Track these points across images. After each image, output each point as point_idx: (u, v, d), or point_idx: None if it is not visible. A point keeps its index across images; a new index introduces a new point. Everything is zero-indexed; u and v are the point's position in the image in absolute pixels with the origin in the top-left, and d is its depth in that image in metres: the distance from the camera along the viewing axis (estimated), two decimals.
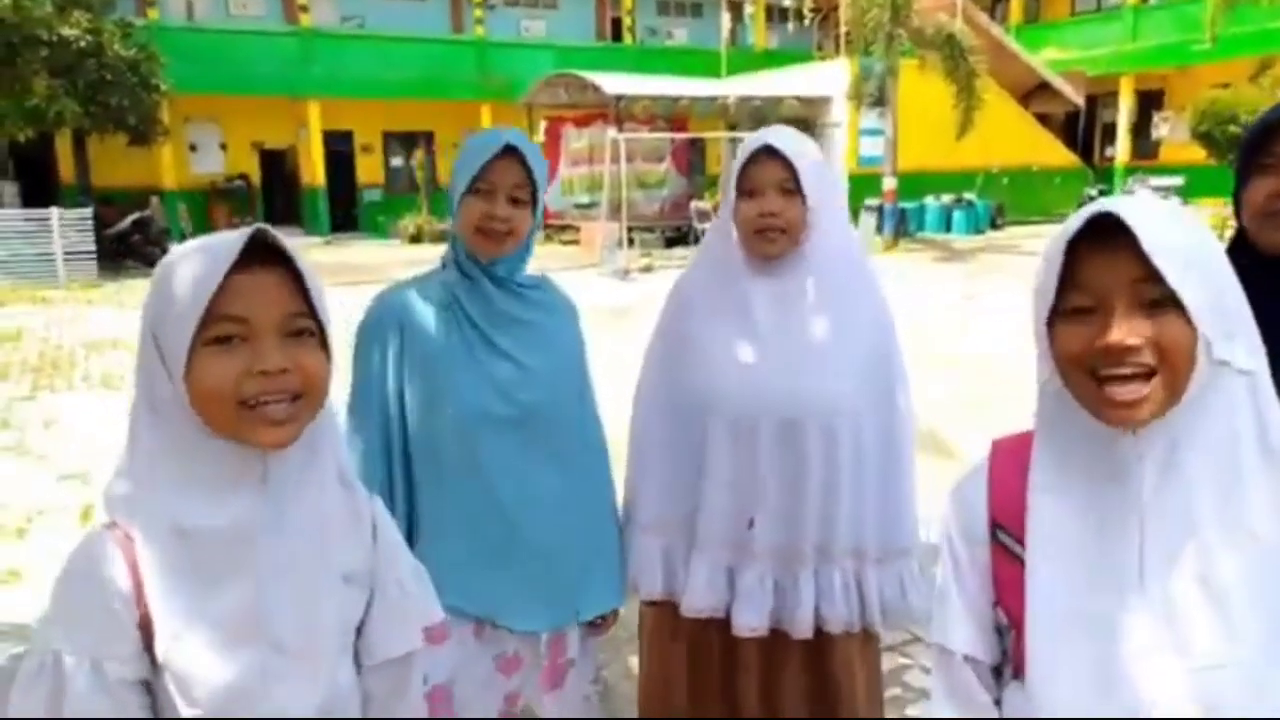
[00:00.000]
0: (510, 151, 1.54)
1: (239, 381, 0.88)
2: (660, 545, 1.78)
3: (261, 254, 0.90)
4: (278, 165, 20.89)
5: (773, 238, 1.63)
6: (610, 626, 1.78)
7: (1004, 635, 0.97)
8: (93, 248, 13.18)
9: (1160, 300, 0.84)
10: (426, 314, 1.57)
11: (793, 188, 1.61)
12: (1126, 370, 0.85)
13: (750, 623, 1.69)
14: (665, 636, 1.82)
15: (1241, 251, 1.36)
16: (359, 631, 1.05)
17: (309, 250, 15.92)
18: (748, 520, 1.68)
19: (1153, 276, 0.83)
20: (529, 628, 1.62)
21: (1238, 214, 1.41)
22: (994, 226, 18.30)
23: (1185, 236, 0.85)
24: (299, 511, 0.94)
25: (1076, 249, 0.87)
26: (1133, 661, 0.85)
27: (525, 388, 1.59)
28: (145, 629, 0.88)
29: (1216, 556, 0.84)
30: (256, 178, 20.66)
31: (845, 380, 1.65)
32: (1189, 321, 0.84)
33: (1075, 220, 0.87)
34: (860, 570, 1.71)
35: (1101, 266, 0.86)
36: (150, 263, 14.39)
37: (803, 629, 1.69)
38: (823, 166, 1.67)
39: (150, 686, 0.89)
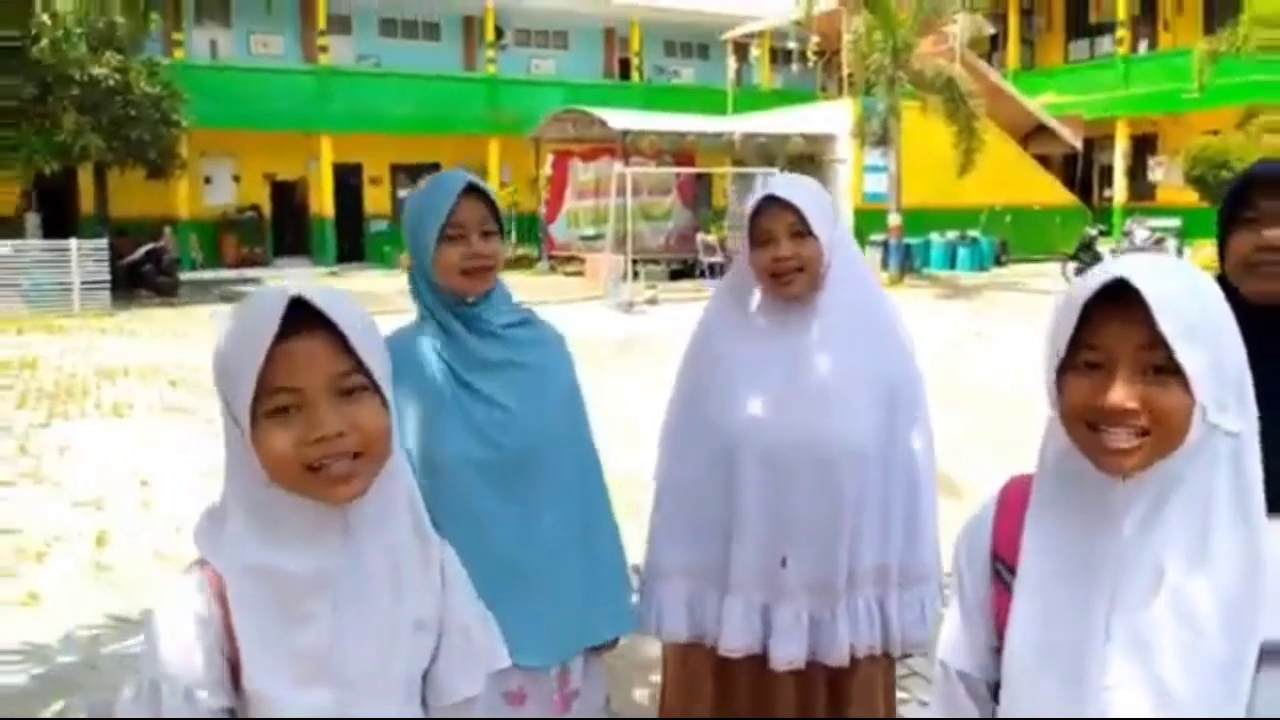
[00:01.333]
0: (471, 190, 1.60)
1: (299, 450, 0.90)
2: (685, 590, 1.81)
3: (305, 316, 0.91)
4: (288, 196, 21.19)
5: (789, 280, 1.69)
6: (609, 650, 1.80)
7: (999, 656, 1.03)
8: (107, 277, 13.43)
9: (1164, 366, 0.87)
10: (409, 367, 1.60)
11: (803, 230, 1.67)
12: (1123, 430, 0.89)
13: (788, 656, 1.73)
14: (692, 673, 1.85)
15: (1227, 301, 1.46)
16: (425, 675, 1.08)
17: (316, 278, 16.12)
18: (781, 559, 1.72)
19: (1159, 343, 0.87)
20: (534, 662, 1.63)
21: (1222, 264, 1.49)
22: (998, 263, 18.44)
23: (1195, 303, 0.89)
24: (376, 558, 0.98)
25: (1091, 306, 0.91)
26: (1095, 693, 0.91)
27: (511, 430, 1.62)
28: (232, 661, 0.93)
29: (1178, 603, 0.89)
30: (267, 209, 20.93)
31: (871, 414, 1.70)
32: (1187, 388, 0.87)
33: (1091, 281, 0.91)
34: (884, 595, 1.76)
35: (1112, 329, 0.90)
36: (161, 292, 14.68)
37: (839, 658, 1.74)
38: (829, 205, 1.75)
39: (234, 713, 0.95)
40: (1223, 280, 1.48)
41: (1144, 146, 22.47)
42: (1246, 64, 15.26)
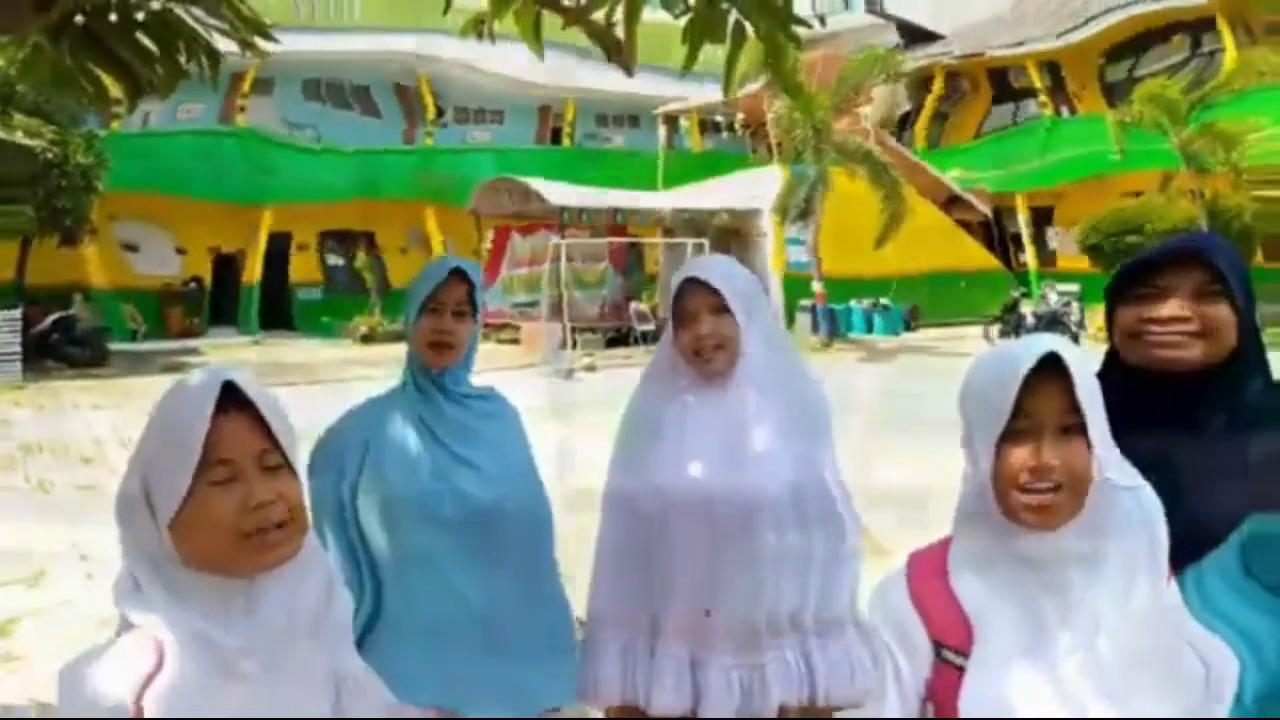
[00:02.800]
0: (456, 273, 1.81)
1: (239, 516, 0.99)
2: (619, 644, 1.87)
3: (232, 397, 1.02)
4: (224, 266, 20.71)
5: (709, 357, 1.84)
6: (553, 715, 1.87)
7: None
8: (19, 349, 12.98)
9: (1070, 427, 1.03)
10: (390, 427, 1.76)
11: (722, 307, 1.82)
12: (1044, 485, 1.03)
13: (720, 713, 1.80)
14: None
15: (1115, 369, 1.55)
16: None
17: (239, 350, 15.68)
18: (704, 611, 1.81)
19: (1072, 407, 1.03)
20: (492, 715, 1.73)
21: (1110, 335, 1.59)
22: (908, 328, 19.25)
23: (1090, 373, 1.06)
24: (284, 622, 1.04)
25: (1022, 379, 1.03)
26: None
27: (481, 490, 1.75)
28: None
29: (1112, 636, 1.02)
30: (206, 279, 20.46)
31: (788, 471, 1.83)
32: (1088, 444, 1.03)
33: (1026, 355, 1.04)
34: (805, 645, 1.84)
35: (1044, 397, 1.04)
36: (71, 363, 14.14)
37: (770, 712, 1.82)
38: (747, 282, 1.91)
39: None
40: (1114, 350, 1.57)
41: (1043, 218, 23.84)
42: (1149, 134, 16.75)
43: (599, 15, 2.02)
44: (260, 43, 2.30)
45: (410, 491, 1.71)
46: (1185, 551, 1.12)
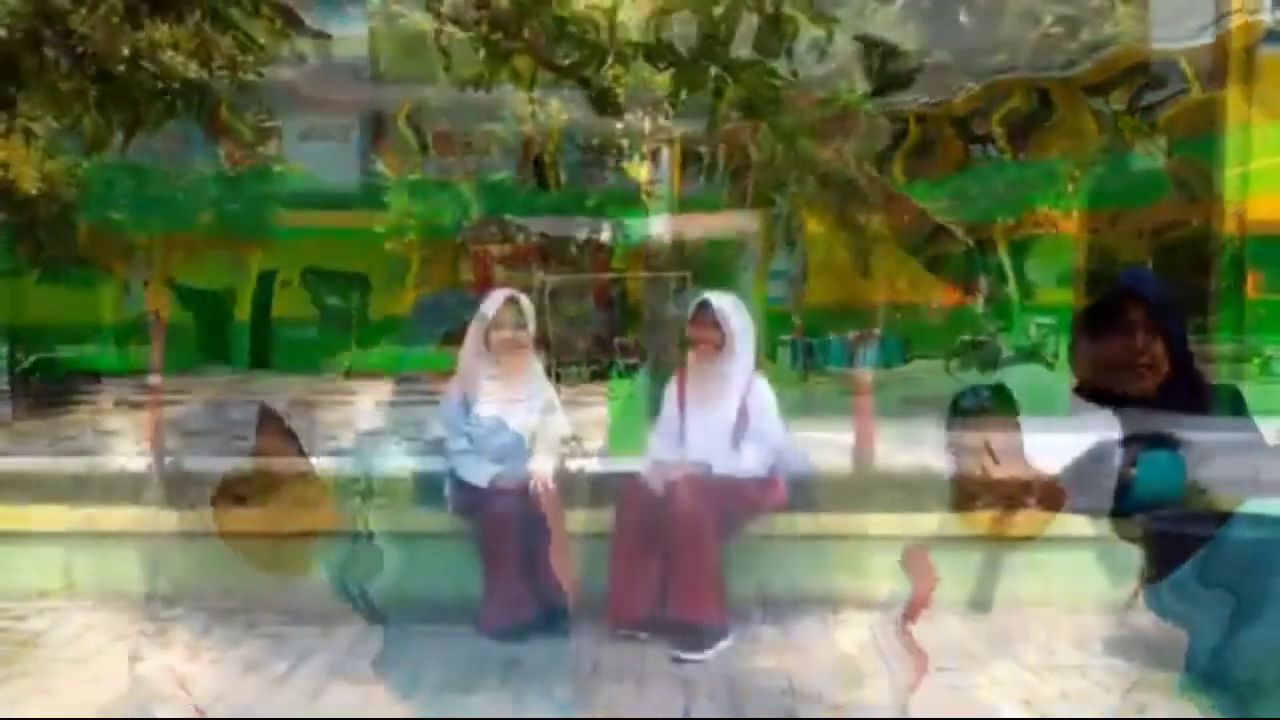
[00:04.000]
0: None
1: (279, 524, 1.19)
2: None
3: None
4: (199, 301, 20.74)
5: (708, 354, 2.51)
6: None
7: None
8: (8, 387, 12.87)
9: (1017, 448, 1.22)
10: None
11: (718, 322, 2.51)
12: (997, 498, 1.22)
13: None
14: None
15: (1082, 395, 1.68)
16: None
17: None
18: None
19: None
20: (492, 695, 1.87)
21: (1087, 367, 1.71)
22: (904, 361, 19.38)
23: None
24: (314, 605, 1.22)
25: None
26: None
27: (482, 473, 2.01)
28: None
29: (1075, 638, 1.18)
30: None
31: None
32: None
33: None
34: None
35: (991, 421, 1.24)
36: (57, 403, 13.99)
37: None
38: (740, 312, 2.61)
39: None
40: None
41: (1021, 248, 24.11)
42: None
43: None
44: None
45: (411, 479, 1.86)
46: None
